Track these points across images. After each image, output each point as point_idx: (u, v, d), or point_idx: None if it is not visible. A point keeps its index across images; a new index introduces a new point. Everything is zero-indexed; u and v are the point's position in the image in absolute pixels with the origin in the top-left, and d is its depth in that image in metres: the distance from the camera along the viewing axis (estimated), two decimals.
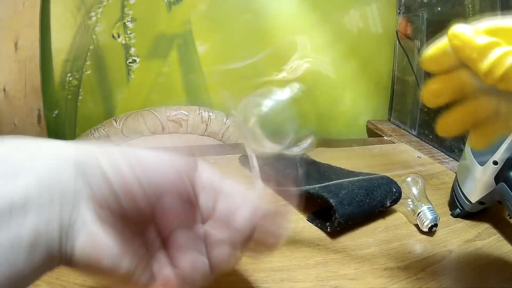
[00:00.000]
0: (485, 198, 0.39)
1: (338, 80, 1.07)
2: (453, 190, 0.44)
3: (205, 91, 1.03)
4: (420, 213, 0.39)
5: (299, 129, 0.30)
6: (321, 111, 1.09)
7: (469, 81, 0.23)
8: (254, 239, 0.23)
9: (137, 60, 0.98)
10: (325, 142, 0.85)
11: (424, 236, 0.38)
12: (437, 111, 0.25)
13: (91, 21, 0.94)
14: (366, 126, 1.07)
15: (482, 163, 0.39)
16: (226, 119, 0.96)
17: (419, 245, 0.37)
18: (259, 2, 0.97)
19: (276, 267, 0.33)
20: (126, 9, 0.94)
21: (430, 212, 0.38)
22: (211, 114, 0.96)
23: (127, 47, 0.97)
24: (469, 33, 0.21)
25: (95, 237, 0.18)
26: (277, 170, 0.31)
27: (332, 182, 0.44)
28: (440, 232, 0.39)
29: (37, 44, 0.90)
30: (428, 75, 0.19)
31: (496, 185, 0.37)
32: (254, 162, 0.28)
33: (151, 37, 0.97)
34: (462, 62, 0.22)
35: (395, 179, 0.43)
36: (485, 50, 0.20)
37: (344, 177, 0.45)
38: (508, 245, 0.37)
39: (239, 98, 0.30)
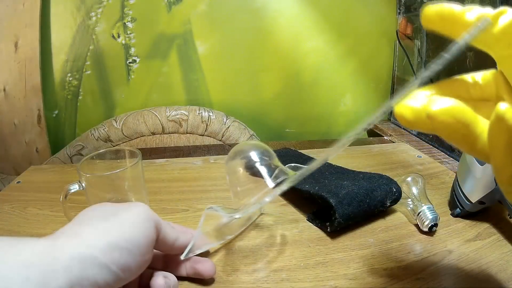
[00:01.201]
0: (485, 197, 0.39)
1: (338, 80, 1.07)
2: (453, 189, 0.44)
3: (205, 91, 1.03)
4: (420, 213, 0.39)
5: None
6: (321, 111, 1.09)
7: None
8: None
9: (137, 60, 0.98)
10: (325, 142, 0.85)
11: (424, 236, 0.38)
12: None
13: (91, 21, 0.94)
14: None
15: (482, 163, 0.39)
16: (226, 119, 0.96)
17: (419, 245, 0.37)
18: (259, 2, 0.97)
19: (276, 267, 0.33)
20: (126, 9, 0.94)
21: (430, 212, 0.38)
22: (211, 114, 0.96)
23: (127, 47, 0.97)
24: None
25: None
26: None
27: (332, 182, 0.44)
28: (440, 232, 0.39)
29: (37, 44, 0.90)
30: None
31: (496, 185, 0.37)
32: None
33: (151, 37, 0.97)
34: None
35: (395, 179, 0.43)
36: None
37: (344, 176, 0.45)
38: (508, 245, 0.36)
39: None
